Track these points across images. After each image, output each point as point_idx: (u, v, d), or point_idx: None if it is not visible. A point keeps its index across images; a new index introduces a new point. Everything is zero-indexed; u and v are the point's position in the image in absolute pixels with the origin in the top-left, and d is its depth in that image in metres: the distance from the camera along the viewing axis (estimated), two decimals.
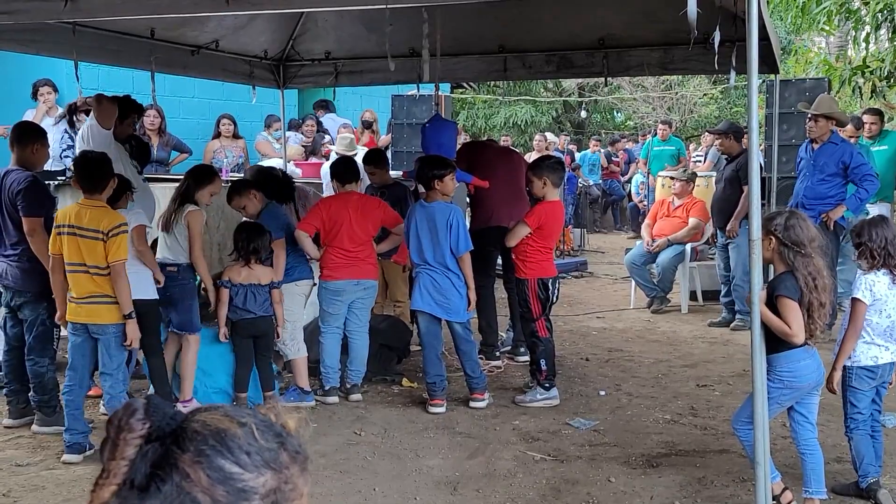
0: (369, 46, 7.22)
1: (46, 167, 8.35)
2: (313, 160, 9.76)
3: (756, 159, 3.69)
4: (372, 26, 6.75)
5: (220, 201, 5.91)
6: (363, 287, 5.60)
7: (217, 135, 9.94)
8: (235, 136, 9.76)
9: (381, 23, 6.33)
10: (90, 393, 4.99)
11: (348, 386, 5.49)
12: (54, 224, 4.46)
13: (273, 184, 5.74)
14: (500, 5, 6.24)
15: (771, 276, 3.93)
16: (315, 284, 5.66)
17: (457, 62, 7.55)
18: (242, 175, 7.87)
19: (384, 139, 11.21)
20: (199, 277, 5.17)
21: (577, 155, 16.72)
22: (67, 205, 4.91)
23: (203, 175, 5.20)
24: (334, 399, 5.42)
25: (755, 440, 3.43)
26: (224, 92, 10.24)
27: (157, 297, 4.84)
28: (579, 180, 15.17)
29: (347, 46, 7.73)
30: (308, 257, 5.57)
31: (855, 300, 3.87)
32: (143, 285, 4.69)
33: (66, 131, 7.78)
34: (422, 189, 5.58)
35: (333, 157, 7.95)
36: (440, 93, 9.60)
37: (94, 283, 4.34)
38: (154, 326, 4.83)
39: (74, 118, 6.43)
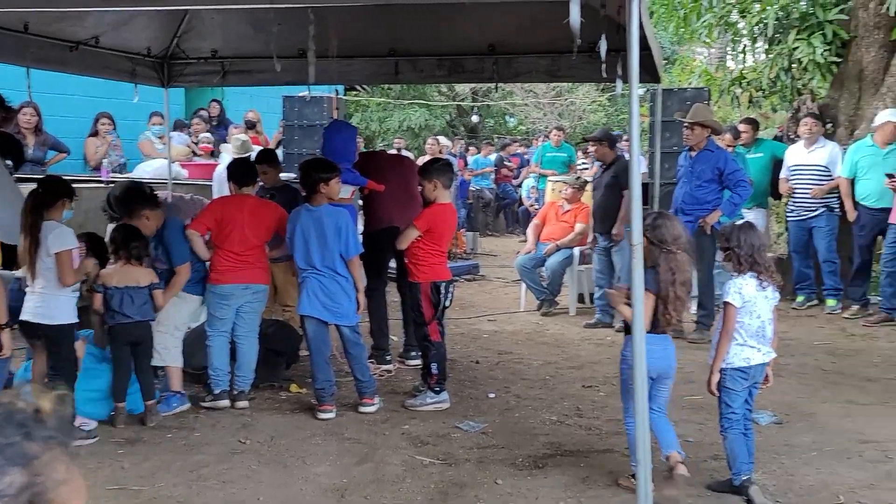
0: (258, 46, 7.07)
1: None
2: (197, 161, 9.52)
3: (637, 166, 3.80)
4: (260, 26, 6.63)
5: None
6: (252, 291, 5.49)
7: (94, 133, 9.60)
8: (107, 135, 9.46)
9: (270, 22, 6.28)
10: None
11: (235, 392, 5.37)
12: None
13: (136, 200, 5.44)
14: (392, 9, 6.24)
15: None
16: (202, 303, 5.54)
17: (348, 64, 7.49)
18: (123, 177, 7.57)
19: (276, 135, 11.04)
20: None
21: (470, 159, 16.86)
22: None
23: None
24: (225, 403, 5.30)
25: (636, 436, 3.55)
26: (106, 90, 9.86)
27: (71, 321, 4.67)
28: (471, 184, 15.33)
29: (235, 45, 7.57)
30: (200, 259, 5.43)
31: (726, 304, 3.99)
32: (57, 309, 4.57)
33: None
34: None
35: (225, 158, 7.77)
36: (330, 94, 9.54)
37: None
38: (66, 353, 4.67)
39: None
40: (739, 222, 4.40)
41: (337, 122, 7.11)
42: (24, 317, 4.62)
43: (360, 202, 7.47)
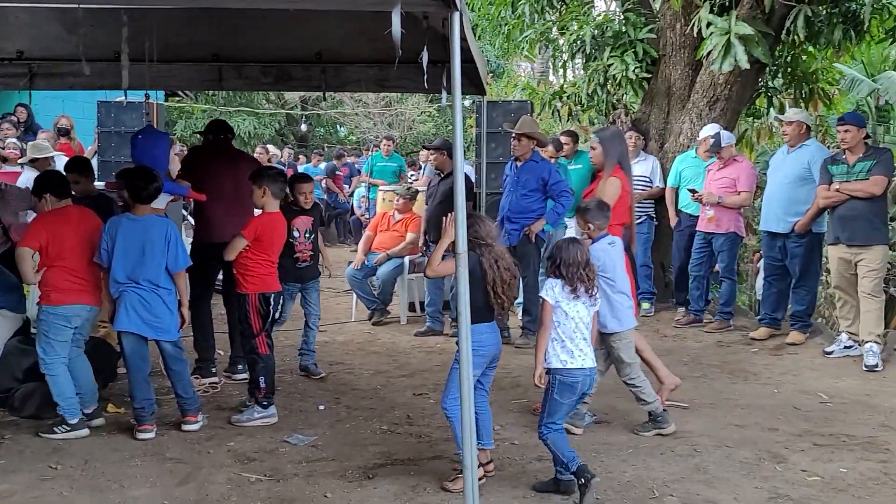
0: (69, 48, 6.68)
1: None
2: (6, 168, 8.87)
3: (461, 176, 3.87)
4: (71, 26, 6.26)
5: None
6: (94, 312, 5.21)
7: None
8: None
9: (81, 23, 5.93)
10: None
11: (87, 413, 5.09)
12: None
13: None
14: (216, 13, 6.06)
15: None
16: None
17: (169, 69, 7.22)
18: None
19: (91, 149, 10.47)
20: None
21: (300, 168, 16.66)
22: None
23: None
24: (86, 431, 4.99)
25: (462, 431, 3.65)
26: None
27: None
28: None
29: (43, 46, 7.10)
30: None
31: (542, 300, 4.28)
32: None
33: None
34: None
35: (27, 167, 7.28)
36: (151, 100, 9.15)
37: None
38: None
39: None
40: (564, 239, 4.51)
41: (147, 129, 6.81)
42: None
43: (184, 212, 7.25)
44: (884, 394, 6.03)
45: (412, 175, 14.06)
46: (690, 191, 8.28)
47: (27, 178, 7.17)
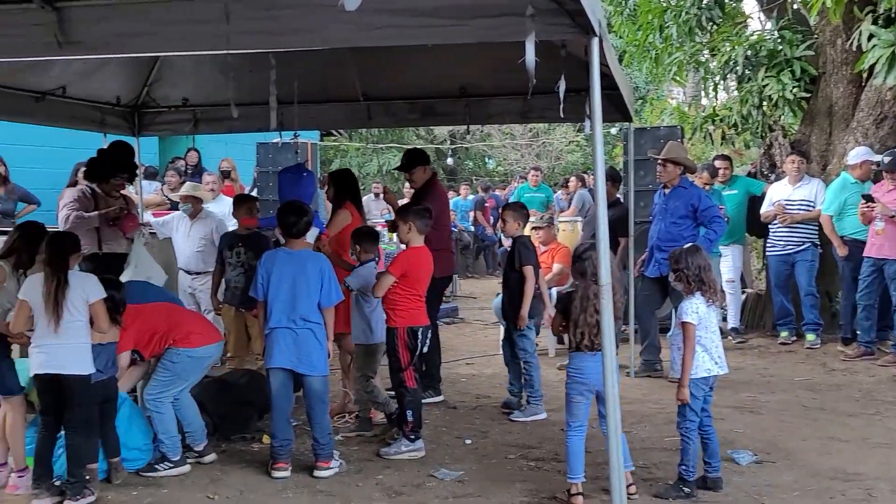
0: (229, 93, 7.04)
1: None
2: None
3: (603, 205, 3.78)
4: (230, 73, 6.60)
5: None
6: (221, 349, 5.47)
7: (73, 183, 9.48)
8: None
9: (240, 69, 6.25)
10: None
11: (199, 449, 5.22)
12: None
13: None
14: (363, 53, 6.23)
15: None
16: None
17: (319, 110, 7.49)
18: None
19: (250, 188, 11.00)
20: None
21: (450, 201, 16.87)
22: None
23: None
24: (187, 468, 5.08)
25: (610, 454, 3.81)
26: (77, 140, 9.79)
27: (89, 372, 4.51)
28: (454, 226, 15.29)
29: (205, 93, 7.54)
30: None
31: (685, 324, 4.46)
32: (80, 359, 4.46)
33: None
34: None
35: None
36: (305, 140, 9.52)
37: None
38: (84, 401, 4.50)
39: None
40: (686, 246, 4.75)
41: (292, 167, 7.05)
42: (44, 370, 4.45)
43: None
44: None
45: (561, 201, 13.95)
46: (865, 197, 7.68)
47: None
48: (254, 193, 10.38)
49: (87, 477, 4.55)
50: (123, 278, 5.92)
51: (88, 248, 6.03)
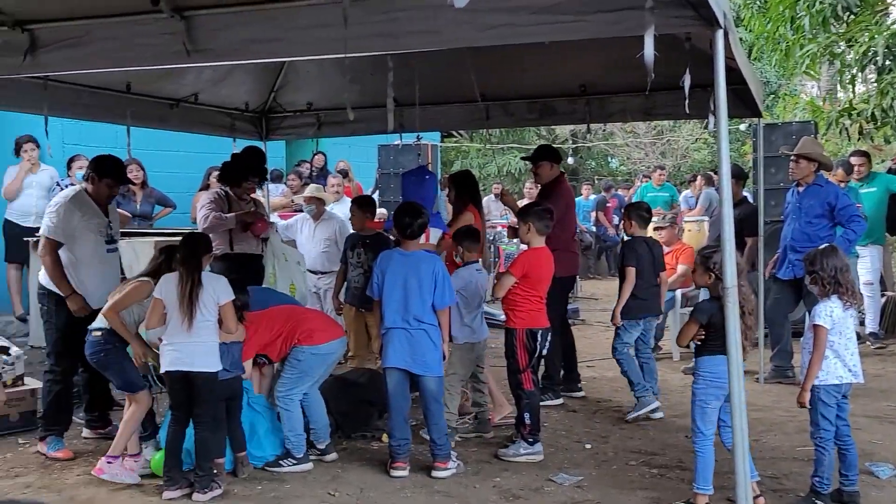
0: (351, 97, 7.17)
1: (30, 224, 8.34)
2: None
3: (729, 204, 3.62)
4: (352, 76, 6.71)
5: None
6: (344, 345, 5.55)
7: (205, 187, 9.88)
8: None
9: (362, 72, 6.34)
10: None
11: (322, 447, 5.30)
12: None
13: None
14: (480, 53, 6.21)
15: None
16: None
17: (438, 111, 7.53)
18: None
19: (371, 190, 11.17)
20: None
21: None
22: None
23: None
24: (309, 465, 5.15)
25: (736, 462, 3.64)
26: (208, 145, 10.19)
27: (217, 369, 4.70)
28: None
29: (329, 97, 7.70)
30: None
31: (817, 326, 4.27)
32: (209, 357, 4.65)
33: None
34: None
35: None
36: (426, 142, 9.59)
37: None
38: (211, 398, 4.70)
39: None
40: (822, 246, 4.54)
41: (415, 170, 7.08)
42: (176, 367, 4.65)
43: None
44: None
45: (688, 199, 13.55)
46: None
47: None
48: (374, 195, 10.55)
49: (215, 471, 4.72)
50: (273, 279, 6.16)
51: (221, 249, 6.25)
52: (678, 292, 8.39)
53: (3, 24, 4.03)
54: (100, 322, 4.97)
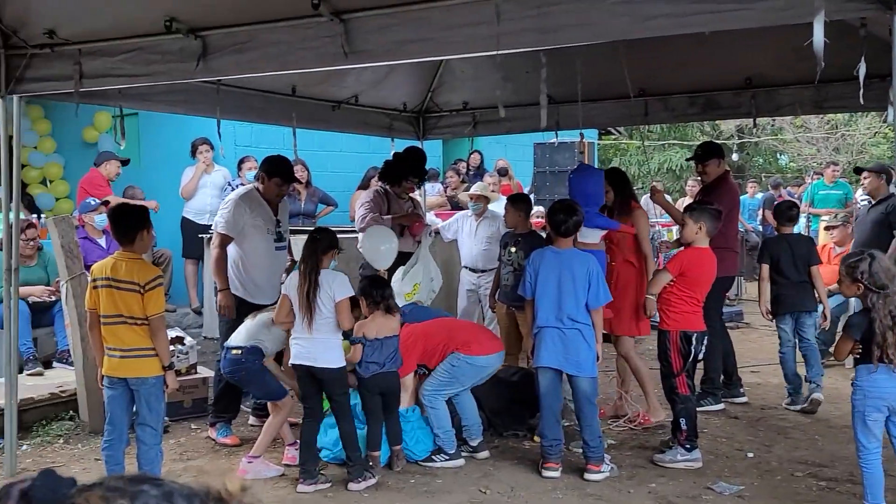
0: (504, 95, 7.16)
1: (204, 221, 8.83)
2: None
3: None
4: (506, 74, 6.71)
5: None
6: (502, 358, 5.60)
7: (364, 185, 10.15)
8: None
9: (516, 71, 6.32)
10: None
11: (474, 444, 5.33)
12: (90, 278, 4.34)
13: None
14: (638, 46, 6.04)
15: None
16: None
17: (593, 107, 7.37)
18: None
19: (529, 188, 11.12)
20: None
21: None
22: None
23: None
24: (461, 461, 5.20)
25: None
26: (368, 145, 10.47)
27: (342, 364, 4.85)
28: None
29: (484, 96, 7.72)
30: None
31: None
32: (330, 353, 4.80)
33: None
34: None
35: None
36: (585, 139, 9.44)
37: (135, 335, 4.20)
38: (339, 392, 4.86)
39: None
40: None
41: (583, 166, 6.98)
42: (299, 361, 4.82)
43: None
44: None
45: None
46: None
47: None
48: (531, 195, 10.49)
49: (371, 463, 4.84)
50: (404, 273, 6.26)
51: None
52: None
53: (178, 31, 4.28)
54: (237, 340, 5.13)
